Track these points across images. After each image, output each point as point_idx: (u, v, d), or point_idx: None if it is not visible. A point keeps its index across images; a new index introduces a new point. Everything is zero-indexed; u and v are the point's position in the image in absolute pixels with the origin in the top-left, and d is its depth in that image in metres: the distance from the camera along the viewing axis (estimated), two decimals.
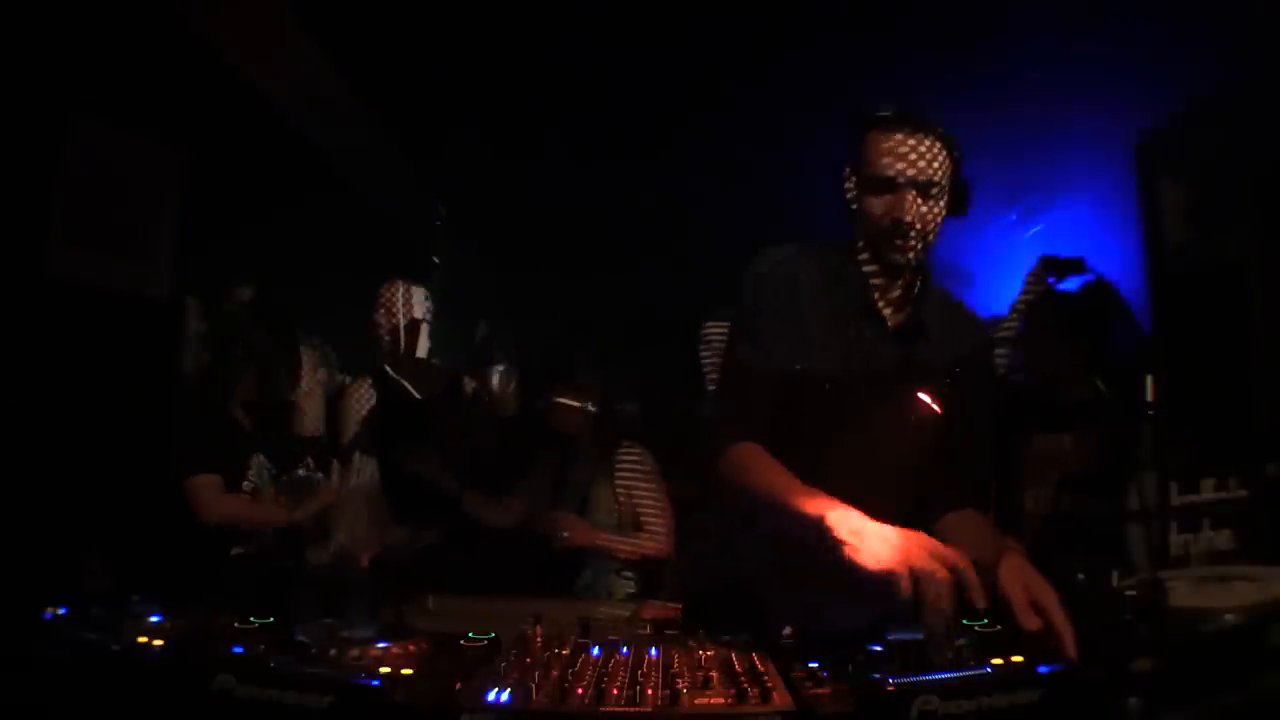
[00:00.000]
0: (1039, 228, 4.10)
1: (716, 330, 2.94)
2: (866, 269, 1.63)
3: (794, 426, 1.60)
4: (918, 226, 1.55)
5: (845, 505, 1.30)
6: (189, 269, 3.17)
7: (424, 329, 3.15)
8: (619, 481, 3.02)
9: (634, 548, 2.96)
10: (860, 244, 1.64)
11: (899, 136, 1.54)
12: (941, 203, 1.57)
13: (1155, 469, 1.92)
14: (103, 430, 2.71)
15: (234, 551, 2.57)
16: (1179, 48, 2.95)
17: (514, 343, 4.14)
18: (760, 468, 1.49)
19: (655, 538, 2.98)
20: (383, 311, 3.10)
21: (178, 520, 2.54)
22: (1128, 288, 3.36)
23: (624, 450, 3.07)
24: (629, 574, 2.97)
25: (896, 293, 1.65)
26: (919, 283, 1.66)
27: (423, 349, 3.17)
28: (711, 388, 2.77)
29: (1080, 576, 1.47)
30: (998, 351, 2.79)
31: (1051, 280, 2.87)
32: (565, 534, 2.85)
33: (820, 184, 1.71)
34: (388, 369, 3.07)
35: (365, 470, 2.92)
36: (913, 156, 1.52)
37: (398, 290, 3.11)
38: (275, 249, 3.57)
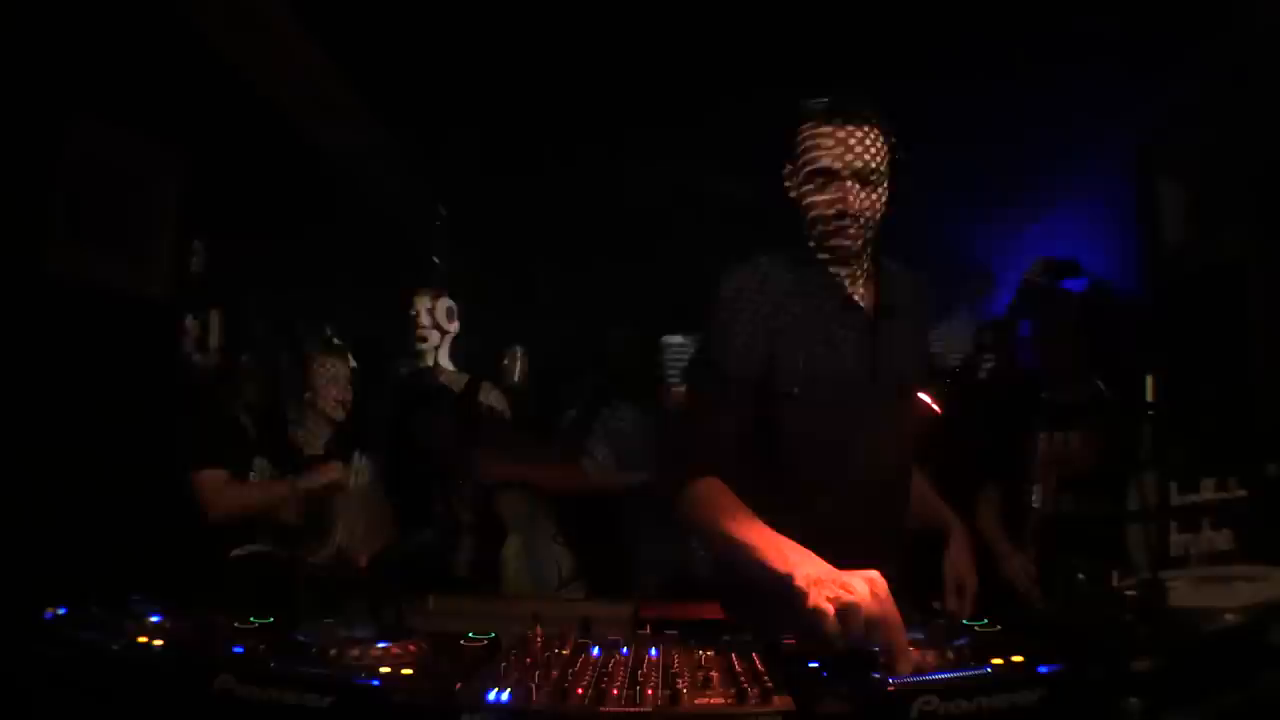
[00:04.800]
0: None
1: (677, 345, 2.97)
2: (828, 264, 1.63)
3: (783, 441, 1.58)
4: (864, 215, 1.56)
5: (803, 548, 1.26)
6: (189, 269, 3.17)
7: (448, 338, 3.27)
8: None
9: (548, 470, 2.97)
10: (810, 239, 1.63)
11: (835, 127, 1.54)
12: (882, 188, 1.57)
13: (1155, 469, 1.93)
14: (103, 430, 2.71)
15: (233, 553, 2.58)
16: (1179, 47, 2.96)
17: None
18: (720, 508, 1.43)
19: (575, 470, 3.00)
20: (411, 320, 3.21)
21: (178, 520, 2.55)
22: (1128, 288, 3.38)
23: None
24: (561, 539, 3.00)
25: (861, 278, 1.66)
26: (874, 266, 1.67)
27: (445, 357, 3.28)
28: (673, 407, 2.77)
29: (1080, 576, 1.48)
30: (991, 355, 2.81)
31: (1049, 281, 2.87)
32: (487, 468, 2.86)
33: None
34: (406, 374, 3.14)
35: (365, 471, 2.93)
36: (851, 145, 1.52)
37: (424, 300, 3.23)
38: (276, 249, 3.58)
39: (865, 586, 1.09)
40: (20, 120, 2.49)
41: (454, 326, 3.34)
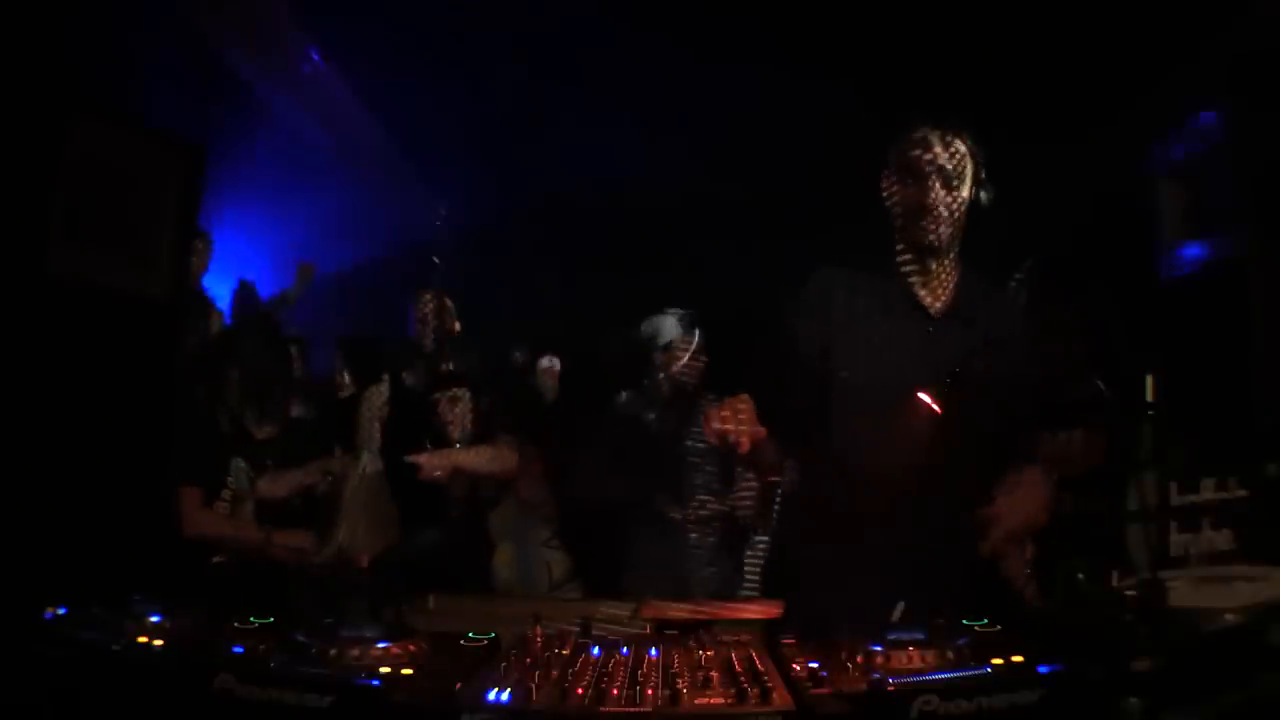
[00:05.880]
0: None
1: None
2: (906, 268, 1.78)
3: (841, 436, 1.70)
4: (942, 209, 1.73)
5: None
6: (190, 270, 3.17)
7: (449, 339, 3.29)
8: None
9: (479, 456, 2.96)
10: (899, 241, 1.79)
11: (923, 135, 1.76)
12: (964, 191, 1.76)
13: (1155, 469, 1.92)
14: (103, 430, 2.71)
15: (215, 560, 2.59)
16: (1178, 49, 2.96)
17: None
18: None
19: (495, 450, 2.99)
20: (417, 321, 3.23)
21: (174, 522, 2.56)
22: (1128, 288, 3.38)
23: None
24: (555, 543, 3.00)
25: (936, 280, 1.79)
26: (954, 270, 1.80)
27: (445, 358, 3.29)
28: None
29: (1080, 576, 1.48)
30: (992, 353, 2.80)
31: (1048, 280, 2.86)
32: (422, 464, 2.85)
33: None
34: (407, 375, 3.15)
35: (369, 470, 2.93)
36: (936, 149, 1.74)
37: (430, 301, 3.25)
38: (276, 250, 3.58)
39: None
40: (20, 120, 2.49)
41: (455, 326, 3.35)
